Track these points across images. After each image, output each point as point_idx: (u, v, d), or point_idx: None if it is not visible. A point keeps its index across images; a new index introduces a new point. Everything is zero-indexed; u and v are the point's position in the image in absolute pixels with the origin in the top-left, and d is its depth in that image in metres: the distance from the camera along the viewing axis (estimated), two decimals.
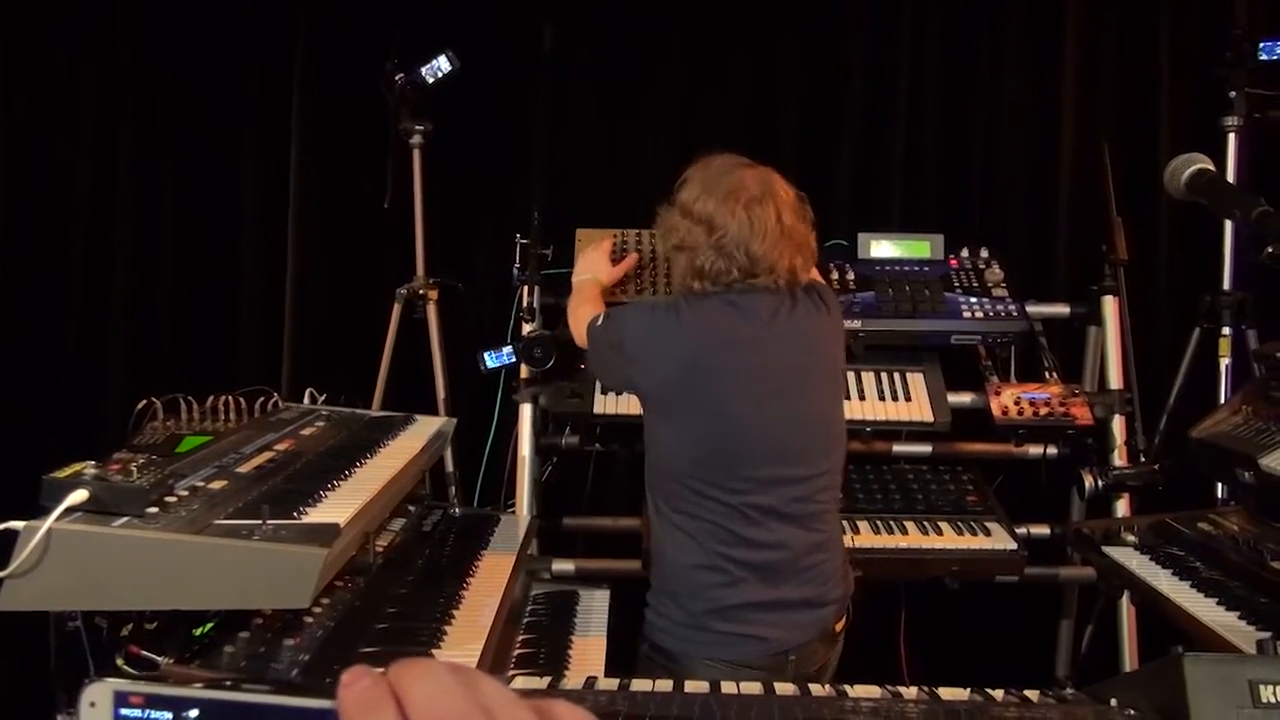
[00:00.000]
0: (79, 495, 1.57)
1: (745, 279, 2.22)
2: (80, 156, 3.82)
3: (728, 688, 1.20)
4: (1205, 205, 1.69)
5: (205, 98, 3.82)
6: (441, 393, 3.42)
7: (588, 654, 2.19)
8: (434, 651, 1.73)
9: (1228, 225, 3.24)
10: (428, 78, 3.32)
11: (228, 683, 0.58)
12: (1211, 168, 1.73)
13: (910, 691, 1.19)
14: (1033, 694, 1.18)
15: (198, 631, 1.67)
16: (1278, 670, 0.97)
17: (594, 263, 2.81)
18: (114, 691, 0.58)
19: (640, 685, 1.23)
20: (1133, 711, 1.02)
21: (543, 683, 1.26)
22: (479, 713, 0.54)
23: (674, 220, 2.30)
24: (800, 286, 2.29)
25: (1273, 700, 0.96)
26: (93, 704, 0.58)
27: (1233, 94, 3.17)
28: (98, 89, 3.81)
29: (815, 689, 1.18)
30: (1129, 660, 3.01)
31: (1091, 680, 3.12)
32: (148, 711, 0.57)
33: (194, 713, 0.57)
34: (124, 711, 0.58)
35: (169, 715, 0.57)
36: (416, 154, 3.42)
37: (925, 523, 2.91)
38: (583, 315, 2.48)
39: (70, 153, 3.82)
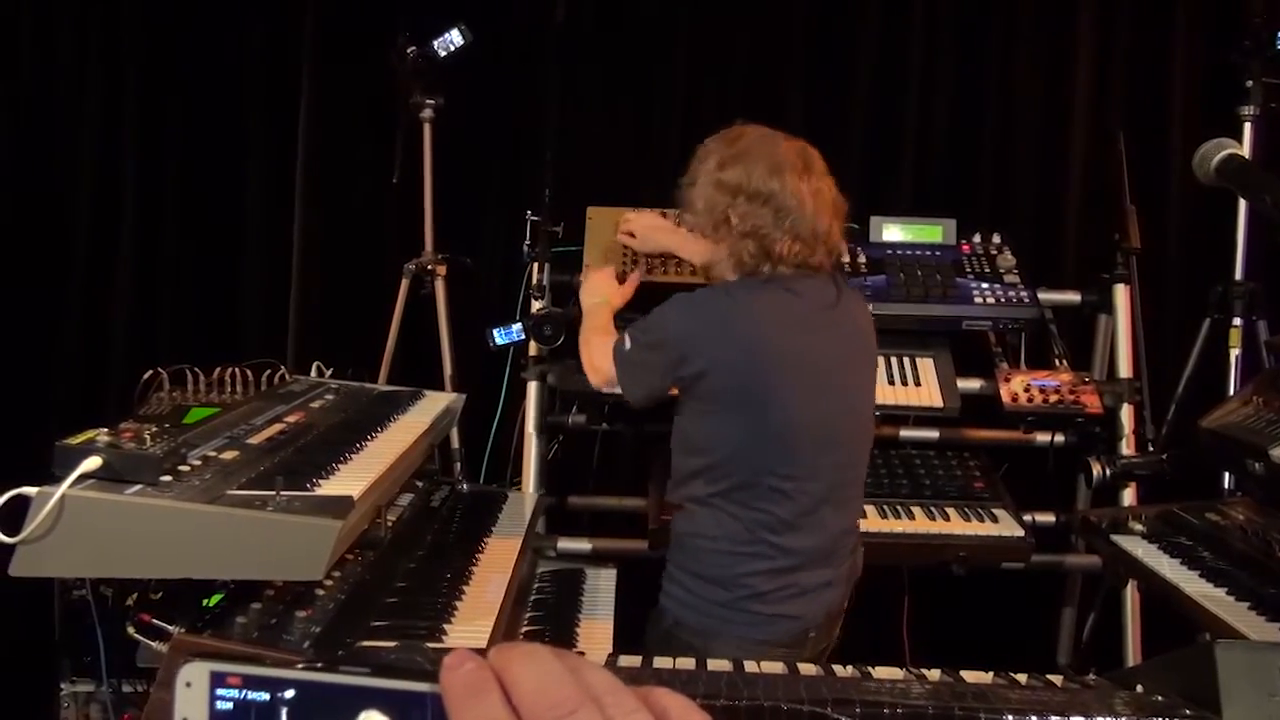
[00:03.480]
0: (93, 462, 1.56)
1: (806, 261, 2.20)
2: (84, 125, 3.80)
3: (750, 666, 1.20)
4: (1234, 190, 1.69)
5: (211, 67, 3.79)
6: (448, 368, 3.41)
7: (594, 634, 2.19)
8: (444, 628, 1.72)
9: (1241, 215, 3.23)
10: (440, 51, 3.29)
11: (322, 664, 0.57)
12: (1241, 153, 1.72)
13: (934, 674, 1.19)
14: (1056, 679, 1.18)
15: (207, 602, 1.67)
16: None
17: (601, 286, 2.68)
18: (210, 671, 0.57)
19: (662, 663, 1.22)
20: (1161, 697, 1.02)
21: None
22: (586, 700, 0.53)
23: (719, 199, 2.23)
24: (836, 268, 2.29)
25: None
26: (189, 684, 0.57)
27: (1249, 83, 3.16)
28: (102, 55, 3.79)
29: (839, 670, 1.18)
30: (1132, 648, 3.02)
31: (1091, 668, 3.15)
32: (244, 692, 0.56)
33: (290, 693, 0.56)
34: (220, 692, 0.57)
35: (265, 696, 0.56)
36: (427, 128, 3.40)
37: (932, 508, 2.90)
38: (599, 344, 2.41)
39: (74, 121, 3.79)
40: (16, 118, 3.78)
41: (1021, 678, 1.16)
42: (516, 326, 2.96)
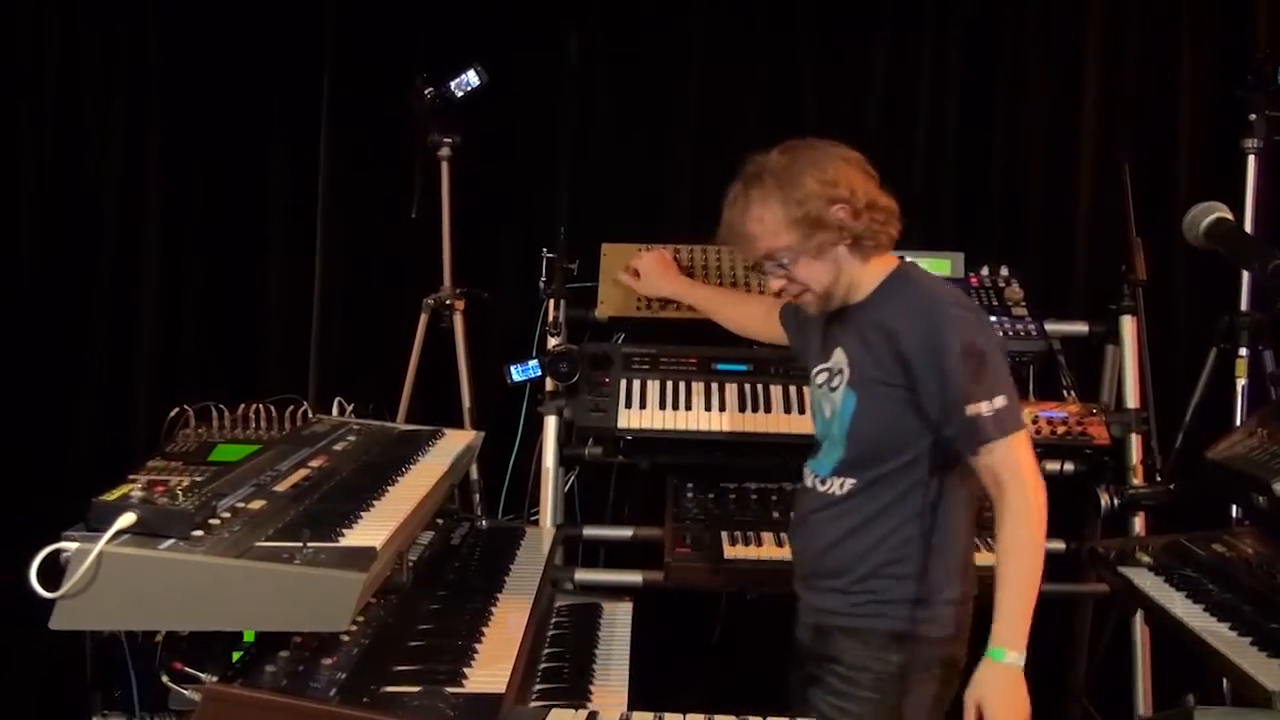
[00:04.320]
0: (127, 519, 1.63)
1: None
2: (108, 158, 3.89)
3: None
4: (1222, 254, 1.73)
5: (233, 105, 3.89)
6: (467, 402, 3.48)
7: (611, 670, 2.24)
8: (465, 671, 1.78)
9: None
10: (456, 92, 3.36)
11: None
12: (1230, 216, 1.77)
13: None
14: None
15: (235, 656, 1.74)
16: None
17: None
18: None
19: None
20: None
21: (579, 717, 1.31)
22: None
23: (846, 219, 2.14)
24: None
25: None
26: None
27: (1253, 116, 3.19)
28: (128, 97, 3.88)
29: None
30: (1142, 677, 3.05)
31: (1104, 695, 3.17)
32: None
33: None
34: None
35: None
36: (445, 166, 3.47)
37: None
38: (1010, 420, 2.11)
39: (98, 155, 3.89)
40: (42, 151, 3.87)
41: None
42: (533, 363, 3.03)
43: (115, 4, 3.85)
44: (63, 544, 1.59)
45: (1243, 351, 3.14)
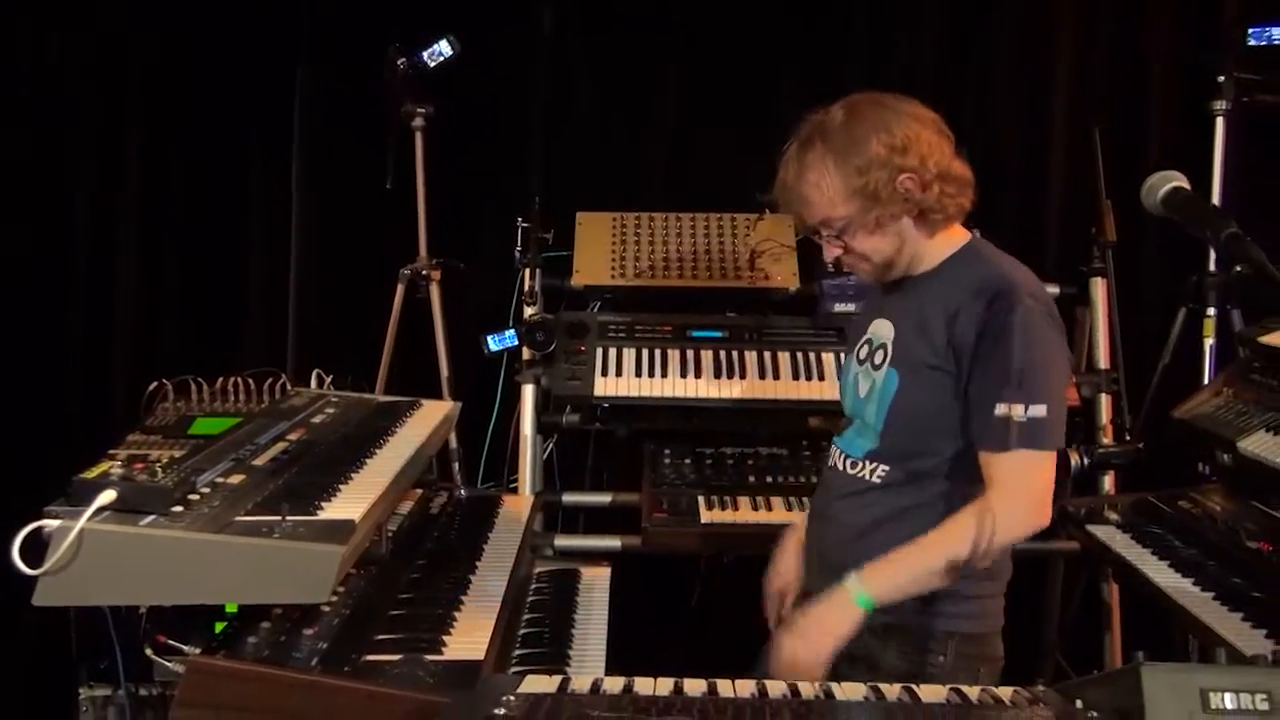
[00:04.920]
0: (108, 495, 1.65)
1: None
2: (85, 132, 3.87)
3: (724, 689, 1.30)
4: (1179, 221, 1.77)
5: (208, 79, 3.88)
6: (445, 372, 3.50)
7: (589, 635, 2.27)
8: (444, 639, 1.82)
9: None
10: (429, 62, 3.37)
11: None
12: (1186, 185, 1.80)
13: (892, 690, 1.28)
14: (1005, 691, 1.27)
15: (218, 628, 1.76)
16: (1226, 679, 1.06)
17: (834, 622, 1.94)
18: None
19: (643, 686, 1.32)
20: (1095, 714, 1.12)
21: (552, 683, 1.35)
22: None
23: (913, 190, 1.96)
24: None
25: (1222, 706, 1.05)
26: None
27: (1221, 79, 3.22)
28: (101, 67, 3.86)
29: (804, 689, 1.27)
30: (1114, 634, 3.12)
31: (1076, 651, 3.23)
32: None
33: None
34: None
35: None
36: (418, 136, 3.48)
37: None
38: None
39: (75, 129, 3.86)
40: (18, 124, 3.83)
41: (973, 692, 1.26)
42: (510, 333, 3.05)
43: None
44: (44, 521, 1.61)
45: (1210, 311, 3.17)
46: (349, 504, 1.83)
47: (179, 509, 1.70)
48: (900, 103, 2.02)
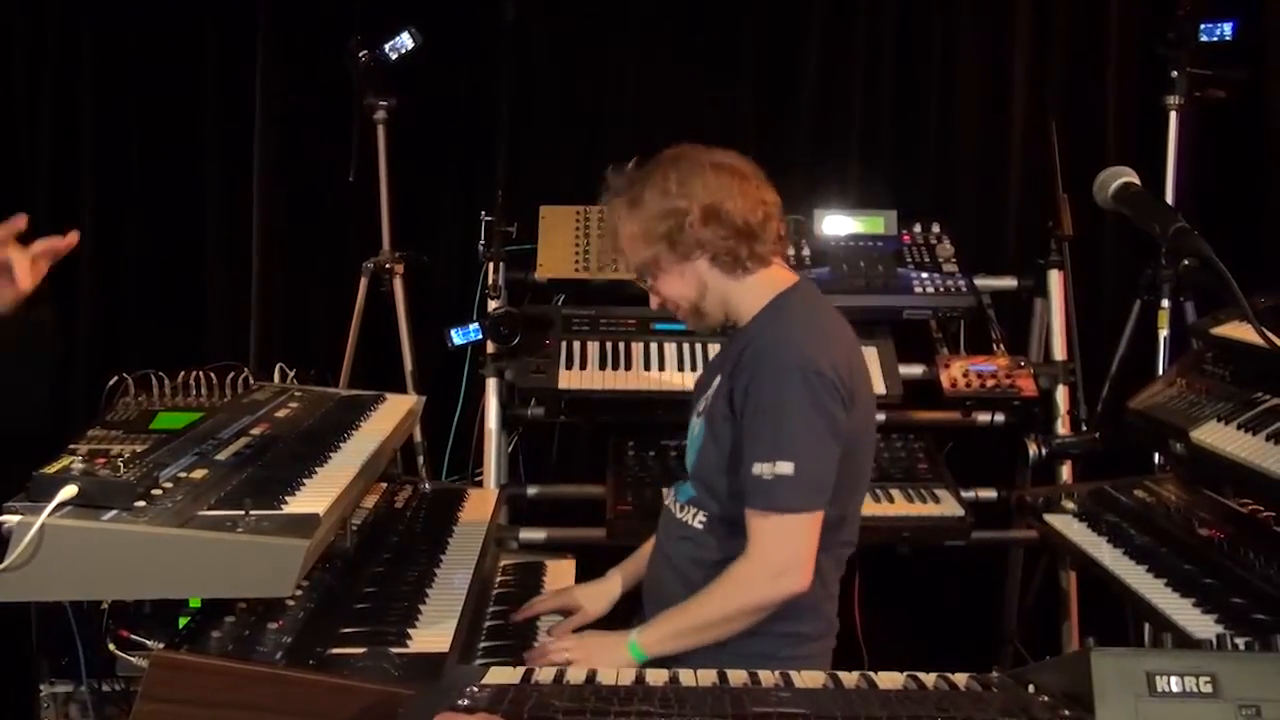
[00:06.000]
0: (69, 491, 1.64)
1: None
2: (40, 126, 3.83)
3: (686, 678, 1.32)
4: (1129, 216, 1.80)
5: (166, 69, 3.84)
6: (409, 365, 3.50)
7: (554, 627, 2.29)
8: (409, 632, 1.82)
9: (1171, 199, 3.35)
10: (391, 54, 3.36)
11: None
12: (1137, 181, 1.84)
13: (850, 678, 1.31)
14: (960, 678, 1.30)
15: (182, 622, 1.76)
16: (1171, 662, 1.09)
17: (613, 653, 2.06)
18: None
19: (606, 676, 1.34)
20: (1047, 699, 1.15)
21: (516, 674, 1.36)
22: None
23: (667, 221, 2.03)
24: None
25: (1167, 689, 1.08)
26: None
27: (1174, 74, 3.27)
28: (58, 59, 3.81)
29: (764, 677, 1.29)
30: (1073, 621, 3.17)
31: (1035, 639, 3.28)
32: None
33: None
34: None
35: None
36: (381, 129, 3.47)
37: (879, 491, 2.99)
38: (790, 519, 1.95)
39: (30, 122, 3.83)
40: None
41: (929, 679, 1.28)
42: (474, 326, 3.05)
43: None
44: (4, 516, 1.60)
45: (1165, 303, 3.22)
46: (313, 498, 1.83)
47: (141, 504, 1.69)
48: (709, 154, 2.08)
